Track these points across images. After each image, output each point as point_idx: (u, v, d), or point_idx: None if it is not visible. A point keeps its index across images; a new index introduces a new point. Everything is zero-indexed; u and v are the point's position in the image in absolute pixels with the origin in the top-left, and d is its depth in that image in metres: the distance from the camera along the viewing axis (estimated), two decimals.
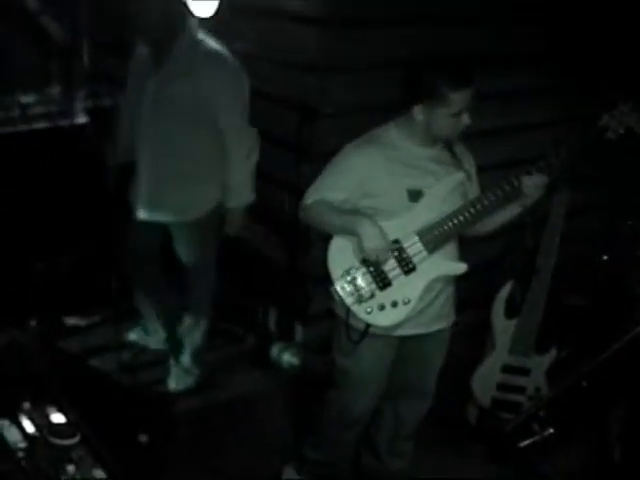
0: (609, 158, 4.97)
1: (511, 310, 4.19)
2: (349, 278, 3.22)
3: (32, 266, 4.71)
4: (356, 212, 3.21)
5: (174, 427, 4.10)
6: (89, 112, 4.87)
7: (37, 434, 2.83)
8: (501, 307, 4.18)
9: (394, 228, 3.21)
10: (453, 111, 3.13)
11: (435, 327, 3.47)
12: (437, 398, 3.75)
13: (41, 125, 4.84)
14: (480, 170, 4.49)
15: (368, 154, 3.23)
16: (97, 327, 4.87)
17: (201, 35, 3.93)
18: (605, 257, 4.80)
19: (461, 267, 3.35)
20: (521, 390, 4.26)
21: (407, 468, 3.86)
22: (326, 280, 3.26)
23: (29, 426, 2.86)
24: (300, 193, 3.37)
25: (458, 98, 3.11)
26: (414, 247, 3.24)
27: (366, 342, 3.34)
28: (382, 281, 3.24)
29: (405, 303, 3.26)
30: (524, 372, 4.24)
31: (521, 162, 4.75)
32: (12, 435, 2.81)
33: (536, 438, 3.97)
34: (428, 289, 3.30)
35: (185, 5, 3.92)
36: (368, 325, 3.28)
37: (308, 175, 3.90)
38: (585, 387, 4.29)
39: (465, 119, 3.17)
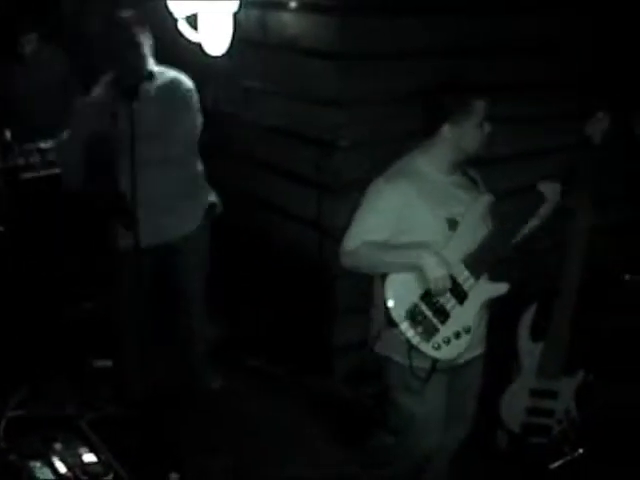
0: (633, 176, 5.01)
1: (536, 333, 4.17)
2: (413, 317, 3.23)
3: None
4: (409, 245, 3.24)
5: None
6: None
7: (70, 474, 2.85)
8: (526, 330, 4.16)
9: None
10: (479, 119, 3.24)
11: (479, 351, 3.52)
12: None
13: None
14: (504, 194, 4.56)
15: (401, 189, 3.25)
16: None
17: (158, 67, 4.21)
18: (628, 276, 4.79)
19: (504, 287, 3.41)
20: (550, 413, 4.22)
21: None
22: (388, 323, 3.24)
23: (61, 467, 2.87)
24: (321, 228, 3.38)
25: (480, 105, 3.24)
26: (463, 275, 3.29)
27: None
28: (442, 314, 3.27)
29: (467, 332, 3.32)
30: (552, 395, 4.19)
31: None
32: (45, 476, 2.82)
33: (566, 459, 3.95)
34: (478, 314, 3.37)
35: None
36: (435, 361, 3.29)
37: (329, 210, 3.93)
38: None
39: (487, 127, 3.27)
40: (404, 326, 3.22)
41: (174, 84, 4.24)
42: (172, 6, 4.53)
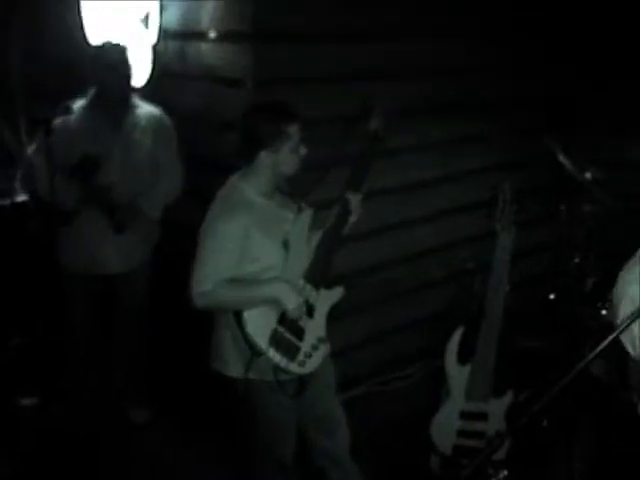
0: (552, 198, 5.08)
1: (464, 356, 4.18)
2: (276, 342, 3.35)
3: None
4: (262, 280, 3.37)
5: None
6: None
7: None
8: (453, 354, 4.16)
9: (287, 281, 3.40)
10: (294, 143, 3.32)
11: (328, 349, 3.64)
12: (402, 449, 3.87)
13: None
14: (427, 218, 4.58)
15: (238, 222, 3.30)
16: None
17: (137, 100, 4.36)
18: (552, 296, 4.84)
19: (340, 290, 3.60)
20: (481, 435, 4.22)
21: None
22: (255, 354, 3.33)
23: None
24: None
25: (295, 129, 3.31)
26: (306, 290, 3.44)
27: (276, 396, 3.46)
28: (299, 332, 3.42)
29: (322, 341, 3.51)
30: (482, 417, 4.20)
31: (465, 208, 4.87)
32: None
33: None
34: (326, 323, 3.55)
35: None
36: (302, 377, 3.48)
37: None
38: (545, 426, 4.31)
39: (303, 150, 3.36)
40: (271, 353, 3.35)
41: (159, 117, 4.37)
42: (92, 39, 4.51)
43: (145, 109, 4.35)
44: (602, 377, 4.20)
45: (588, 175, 4.57)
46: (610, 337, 2.43)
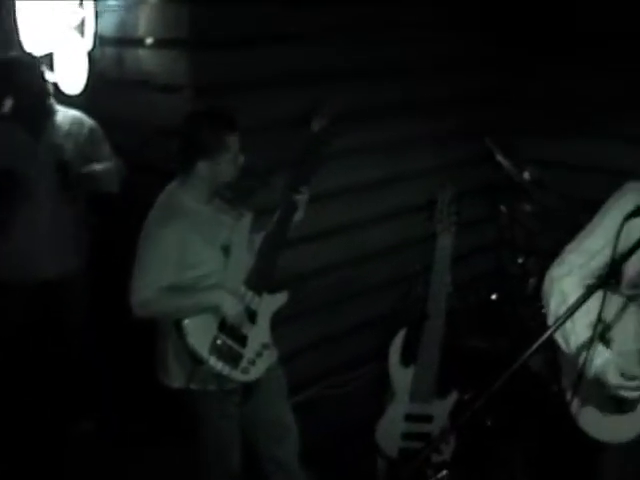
0: (493, 199, 5.12)
1: (407, 358, 4.19)
2: (217, 350, 3.33)
3: None
4: (202, 287, 3.35)
5: None
6: None
7: None
8: (396, 356, 4.17)
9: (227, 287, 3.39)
10: (233, 154, 3.31)
11: (274, 358, 3.62)
12: (349, 453, 3.93)
13: None
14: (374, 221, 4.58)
15: (175, 229, 3.29)
16: None
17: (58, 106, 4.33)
18: (494, 296, 4.88)
19: (284, 295, 3.58)
20: (427, 437, 4.23)
21: None
22: (197, 363, 3.33)
23: None
24: None
25: (234, 140, 3.31)
26: (248, 296, 3.43)
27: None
28: (241, 339, 3.40)
29: (266, 348, 3.50)
30: (427, 419, 4.21)
31: (411, 209, 4.87)
32: None
33: None
34: (270, 329, 3.53)
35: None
36: (248, 384, 3.47)
37: None
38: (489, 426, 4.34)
39: (241, 159, 3.36)
40: (212, 361, 3.33)
41: (81, 120, 4.33)
42: (27, 46, 4.45)
43: (67, 114, 4.33)
44: (542, 372, 4.25)
45: (526, 175, 4.62)
46: (547, 333, 2.45)
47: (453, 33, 5.19)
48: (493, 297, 4.89)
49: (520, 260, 4.78)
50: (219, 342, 3.34)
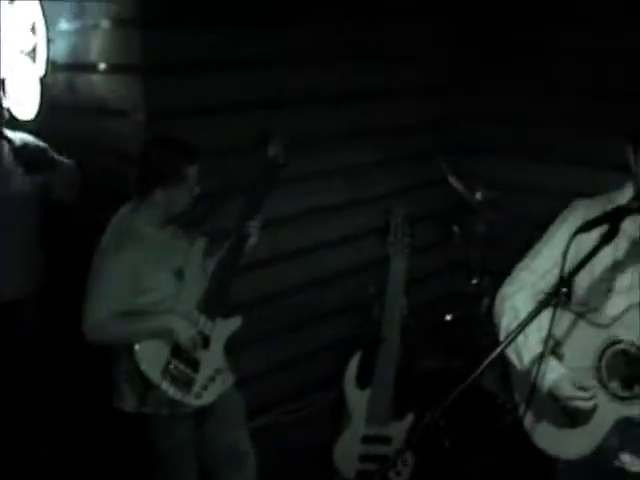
0: (446, 220, 5.17)
1: (363, 381, 4.19)
2: (169, 375, 3.33)
3: None
4: (151, 312, 3.34)
5: None
6: None
7: None
8: (352, 379, 4.17)
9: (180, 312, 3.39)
10: (190, 184, 3.33)
11: (229, 382, 3.63)
12: (307, 477, 4.00)
13: None
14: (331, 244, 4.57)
15: (128, 254, 3.29)
16: None
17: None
18: (448, 317, 4.91)
19: (238, 320, 3.59)
20: (384, 459, 4.23)
21: None
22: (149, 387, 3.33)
23: None
24: None
25: (193, 172, 3.33)
26: (201, 321, 3.43)
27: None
28: (193, 363, 3.40)
29: (219, 373, 3.49)
30: (385, 440, 4.21)
31: (368, 232, 4.90)
32: None
33: None
34: (224, 353, 3.55)
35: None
36: (202, 409, 3.47)
37: None
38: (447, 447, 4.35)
39: (196, 190, 3.37)
40: (164, 385, 3.33)
41: (31, 143, 4.19)
42: None
43: (16, 137, 4.24)
44: (493, 389, 4.28)
45: (479, 196, 4.67)
46: (498, 348, 2.47)
47: (404, 60, 5.25)
48: (448, 318, 4.93)
49: (474, 280, 4.83)
50: (172, 367, 3.34)
